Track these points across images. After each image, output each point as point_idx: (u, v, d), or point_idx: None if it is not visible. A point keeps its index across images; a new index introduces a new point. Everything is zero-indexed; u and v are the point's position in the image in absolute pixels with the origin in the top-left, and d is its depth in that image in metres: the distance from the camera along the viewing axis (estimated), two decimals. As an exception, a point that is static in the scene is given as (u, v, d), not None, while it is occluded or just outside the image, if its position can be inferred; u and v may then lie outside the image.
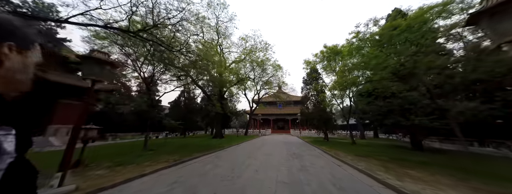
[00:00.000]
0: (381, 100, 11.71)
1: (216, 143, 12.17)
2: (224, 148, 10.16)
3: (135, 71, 8.15)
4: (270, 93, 28.04)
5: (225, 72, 16.41)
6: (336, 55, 12.89)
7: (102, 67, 3.35)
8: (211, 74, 9.76)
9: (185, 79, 9.77)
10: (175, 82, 11.68)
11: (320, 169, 5.36)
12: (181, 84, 9.75)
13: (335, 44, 13.16)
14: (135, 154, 6.88)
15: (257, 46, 19.14)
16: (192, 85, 22.63)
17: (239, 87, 24.43)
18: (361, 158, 6.99)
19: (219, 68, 12.87)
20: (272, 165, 5.69)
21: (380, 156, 7.38)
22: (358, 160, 6.58)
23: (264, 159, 6.77)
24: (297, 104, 34.27)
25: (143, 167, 4.92)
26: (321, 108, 15.88)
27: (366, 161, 6.37)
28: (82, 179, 3.63)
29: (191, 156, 6.91)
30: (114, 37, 7.46)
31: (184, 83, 9.79)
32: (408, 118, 8.55)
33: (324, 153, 8.71)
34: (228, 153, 8.54)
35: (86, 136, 4.80)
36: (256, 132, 29.83)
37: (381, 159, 6.74)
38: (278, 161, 6.39)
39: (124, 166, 4.96)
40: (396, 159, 6.71)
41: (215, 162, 6.15)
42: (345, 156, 7.33)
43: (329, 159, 7.16)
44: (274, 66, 20.86)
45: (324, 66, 13.94)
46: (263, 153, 8.35)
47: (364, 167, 5.35)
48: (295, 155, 7.86)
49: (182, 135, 22.57)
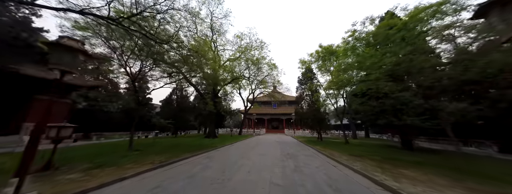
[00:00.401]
0: (374, 100, 11.81)
1: (209, 143, 11.77)
2: (216, 147, 9.79)
3: (121, 66, 7.59)
4: (265, 93, 27.84)
5: (220, 70, 15.97)
6: (331, 55, 12.88)
7: (73, 57, 2.92)
8: (204, 71, 9.34)
9: (177, 76, 9.30)
10: (167, 79, 11.17)
11: (315, 169, 5.16)
12: (171, 81, 9.24)
13: (330, 44, 13.16)
14: (118, 155, 6.38)
15: (252, 45, 18.84)
16: (184, 82, 22.01)
17: (233, 86, 24.02)
18: (356, 158, 6.90)
19: (213, 64, 12.43)
20: (266, 166, 5.44)
21: (374, 155, 7.34)
22: (353, 160, 6.48)
23: (257, 160, 6.50)
24: (292, 104, 34.38)
25: (124, 170, 4.49)
26: (315, 108, 15.86)
27: (361, 161, 6.27)
28: (49, 184, 3.18)
29: (180, 156, 6.51)
30: (97, 28, 6.88)
31: (175, 80, 9.29)
32: (400, 118, 8.60)
33: (319, 153, 8.59)
34: (220, 153, 8.20)
35: (59, 135, 4.30)
36: (251, 131, 29.54)
37: (375, 159, 6.68)
38: (272, 162, 6.15)
39: (102, 168, 4.50)
40: (389, 158, 6.67)
41: (206, 163, 5.80)
42: (340, 156, 7.22)
43: (324, 159, 7.01)
44: (270, 65, 20.65)
45: (319, 66, 13.90)
46: (257, 153, 8.08)
47: (360, 167, 5.22)
48: (289, 155, 7.66)
49: (173, 135, 21.84)
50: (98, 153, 6.73)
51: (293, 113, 26.75)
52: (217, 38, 18.79)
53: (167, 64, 8.07)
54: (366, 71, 8.70)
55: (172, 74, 10.08)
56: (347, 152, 8.42)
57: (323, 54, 13.55)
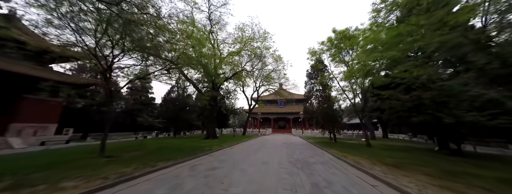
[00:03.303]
0: (403, 92, 9.59)
1: (205, 145, 10.15)
2: (211, 151, 8.13)
3: (90, 52, 6.14)
4: (270, 91, 25.94)
5: (219, 63, 14.31)
6: (349, 40, 10.76)
7: None
8: (197, 60, 7.73)
9: (164, 64, 7.75)
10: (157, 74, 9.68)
11: (344, 193, 3.30)
12: (156, 70, 7.67)
13: (346, 27, 11.02)
14: (77, 164, 4.89)
15: (255, 36, 17.01)
16: (183, 81, 20.61)
17: (236, 83, 22.36)
18: (396, 169, 4.90)
19: (208, 56, 10.79)
20: (267, 187, 3.63)
21: (419, 165, 5.30)
22: (393, 173, 4.51)
23: (256, 174, 4.71)
24: (299, 102, 32.17)
25: (56, 191, 2.93)
26: (328, 104, 13.76)
27: (407, 175, 4.29)
28: None
29: (155, 166, 4.89)
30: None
31: (161, 68, 7.71)
32: (453, 113, 6.42)
33: (338, 160, 6.63)
34: (211, 160, 6.50)
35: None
36: (256, 131, 27.77)
37: (425, 171, 4.66)
38: (276, 177, 4.34)
39: (21, 189, 2.96)
40: (448, 172, 4.61)
41: (182, 178, 4.11)
42: (371, 166, 5.25)
43: (349, 170, 5.08)
44: (274, 57, 18.65)
45: (333, 54, 11.78)
46: (258, 161, 6.29)
47: (417, 189, 3.29)
48: (300, 164, 5.80)
49: (174, 135, 20.61)
50: (57, 161, 5.28)
51: (301, 111, 24.61)
52: (217, 31, 17.24)
53: (145, 50, 6.50)
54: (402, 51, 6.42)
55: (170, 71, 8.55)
56: (376, 158, 6.41)
57: (338, 40, 11.46)
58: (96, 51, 6.22)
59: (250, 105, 25.53)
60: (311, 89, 16.73)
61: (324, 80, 14.06)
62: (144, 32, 6.11)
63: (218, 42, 16.83)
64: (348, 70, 9.73)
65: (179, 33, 6.60)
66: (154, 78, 8.47)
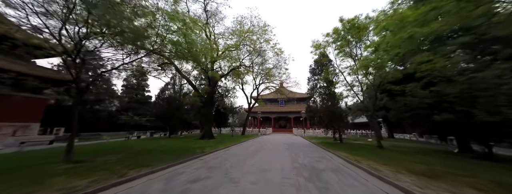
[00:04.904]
0: (420, 87, 8.49)
1: (197, 147, 9.09)
2: (202, 154, 7.07)
3: (53, 36, 5.08)
4: (271, 89, 24.81)
5: (213, 54, 13.16)
6: (358, 29, 9.65)
7: None
8: (188, 49, 6.64)
9: (148, 54, 6.69)
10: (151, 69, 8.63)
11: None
12: (137, 58, 6.56)
13: (356, 14, 9.90)
14: (24, 173, 3.86)
15: (254, 29, 15.85)
16: (177, 75, 19.52)
17: (235, 81, 21.24)
18: (431, 181, 3.82)
19: (204, 47, 9.66)
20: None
21: (458, 175, 4.20)
22: (430, 186, 3.43)
23: (252, 187, 3.64)
24: (301, 101, 31.05)
25: None
26: (333, 102, 12.68)
27: (453, 191, 3.22)
28: None
29: (121, 176, 3.84)
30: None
31: (143, 55, 6.63)
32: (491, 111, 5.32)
33: (352, 166, 5.55)
34: (199, 166, 5.44)
35: None
36: (256, 131, 26.71)
37: (471, 183, 3.58)
38: (276, 191, 3.28)
39: None
40: (502, 184, 3.53)
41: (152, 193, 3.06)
42: (396, 176, 4.17)
43: (370, 181, 4.00)
44: (275, 51, 17.45)
45: (339, 46, 10.68)
46: (256, 168, 5.23)
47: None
48: (307, 172, 4.73)
49: (169, 135, 19.55)
50: (10, 167, 4.25)
51: (302, 110, 23.50)
52: (214, 24, 16.14)
53: (123, 33, 5.41)
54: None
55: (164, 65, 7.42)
56: (395, 164, 5.33)
57: (345, 30, 10.35)
58: (61, 31, 5.13)
59: (249, 104, 24.44)
60: (315, 86, 15.64)
61: (329, 75, 12.96)
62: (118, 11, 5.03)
63: (214, 35, 15.74)
64: (362, 60, 8.59)
65: (159, 14, 5.52)
66: (133, 69, 7.36)
